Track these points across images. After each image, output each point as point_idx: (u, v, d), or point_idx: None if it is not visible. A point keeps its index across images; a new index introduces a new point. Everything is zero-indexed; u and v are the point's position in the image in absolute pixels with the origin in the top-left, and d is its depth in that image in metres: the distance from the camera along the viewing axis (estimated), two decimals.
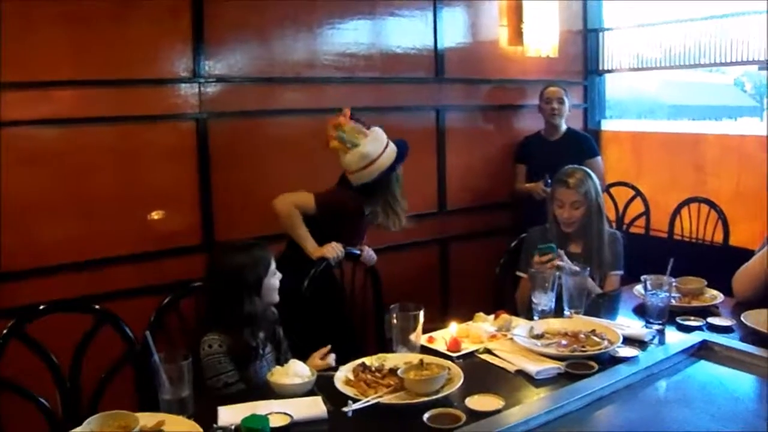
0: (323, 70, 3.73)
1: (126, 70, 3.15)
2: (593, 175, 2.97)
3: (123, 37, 3.13)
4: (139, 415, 1.63)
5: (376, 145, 2.96)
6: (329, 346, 2.22)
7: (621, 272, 2.93)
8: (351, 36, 3.83)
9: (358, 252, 3.02)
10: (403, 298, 2.17)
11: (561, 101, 4.29)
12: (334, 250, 2.88)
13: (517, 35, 4.54)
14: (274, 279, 2.33)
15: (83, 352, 2.21)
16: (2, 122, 2.87)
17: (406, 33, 4.06)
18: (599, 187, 2.97)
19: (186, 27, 3.30)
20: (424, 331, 2.21)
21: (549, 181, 3.79)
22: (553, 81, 4.46)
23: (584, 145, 4.31)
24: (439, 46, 4.19)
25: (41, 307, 2.22)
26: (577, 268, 2.53)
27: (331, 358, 2.18)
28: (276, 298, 2.34)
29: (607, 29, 5.03)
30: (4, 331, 2.11)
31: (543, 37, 4.56)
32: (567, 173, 2.94)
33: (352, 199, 3.05)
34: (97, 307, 2.28)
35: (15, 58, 2.86)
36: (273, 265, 2.33)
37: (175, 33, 3.28)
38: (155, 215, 3.29)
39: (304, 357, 2.14)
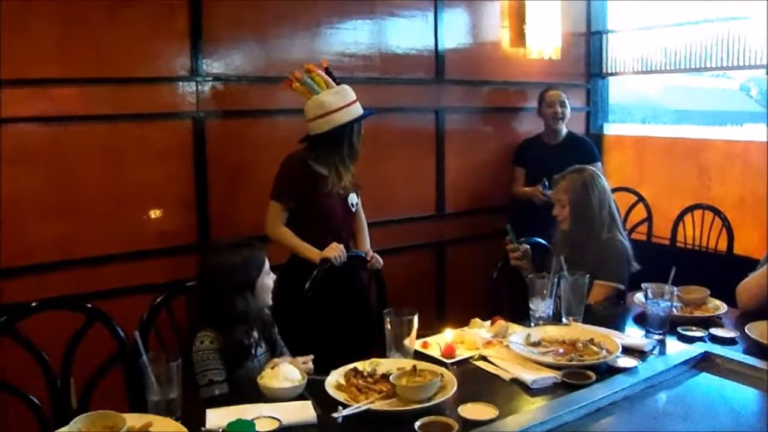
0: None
1: (123, 68, 3.13)
2: (592, 178, 2.90)
3: (120, 34, 3.11)
4: (126, 415, 1.62)
5: (336, 98, 2.94)
6: (311, 357, 2.18)
7: (604, 282, 2.74)
8: (350, 36, 3.80)
9: (364, 254, 3.00)
10: (399, 302, 2.16)
11: (563, 104, 4.22)
12: (334, 250, 2.85)
13: (519, 37, 4.49)
14: (267, 279, 2.30)
15: (74, 350, 2.19)
16: None
17: (406, 33, 4.02)
18: (592, 191, 2.87)
19: (184, 25, 3.28)
20: (419, 336, 2.19)
21: (547, 184, 3.76)
22: (555, 84, 4.41)
23: (584, 149, 4.22)
24: (439, 47, 4.15)
25: (33, 304, 2.19)
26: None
27: (309, 366, 2.14)
28: (269, 299, 2.32)
29: (611, 31, 4.98)
30: None
31: (546, 39, 4.51)
32: (563, 173, 2.96)
33: (294, 158, 3.01)
34: (88, 305, 2.26)
35: (10, 55, 2.83)
36: (267, 266, 2.30)
37: (172, 31, 3.26)
38: (153, 214, 3.27)
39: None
